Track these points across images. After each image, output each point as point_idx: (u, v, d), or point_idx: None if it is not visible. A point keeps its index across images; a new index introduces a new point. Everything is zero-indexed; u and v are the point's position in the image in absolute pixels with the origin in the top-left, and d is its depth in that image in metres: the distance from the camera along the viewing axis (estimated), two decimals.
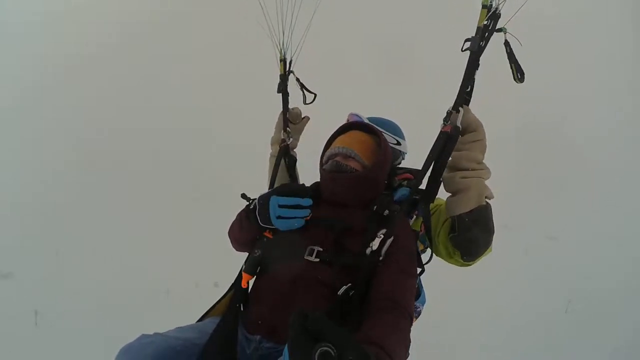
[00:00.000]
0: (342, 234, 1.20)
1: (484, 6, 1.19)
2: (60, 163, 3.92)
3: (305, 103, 1.71)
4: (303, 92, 1.70)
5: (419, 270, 1.28)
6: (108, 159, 4.03)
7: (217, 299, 1.39)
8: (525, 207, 4.03)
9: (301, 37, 1.66)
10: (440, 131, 1.23)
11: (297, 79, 1.70)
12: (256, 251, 1.28)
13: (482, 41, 1.23)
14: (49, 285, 3.22)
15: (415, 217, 1.33)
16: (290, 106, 1.75)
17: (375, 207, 1.22)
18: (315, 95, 1.71)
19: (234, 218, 1.44)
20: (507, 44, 1.25)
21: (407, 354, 1.04)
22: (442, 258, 1.37)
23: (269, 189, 1.59)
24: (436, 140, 1.23)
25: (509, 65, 1.28)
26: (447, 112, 1.24)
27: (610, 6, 4.83)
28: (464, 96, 1.24)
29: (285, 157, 1.67)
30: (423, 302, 1.50)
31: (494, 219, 1.26)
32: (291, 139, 1.70)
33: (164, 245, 3.49)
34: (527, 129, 4.35)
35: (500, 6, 1.21)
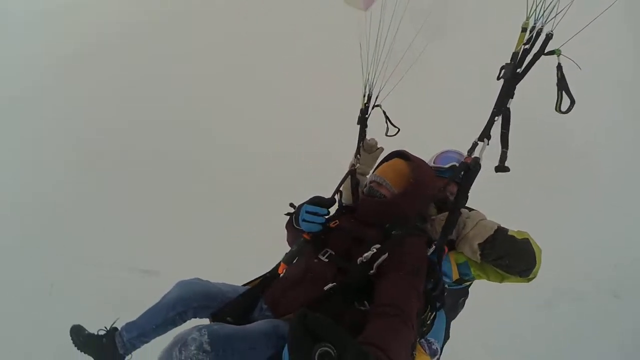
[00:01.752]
0: (353, 244, 1.38)
1: (523, 29, 1.14)
2: (59, 161, 3.92)
3: (386, 135, 1.91)
4: (387, 124, 1.90)
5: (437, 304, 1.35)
6: (108, 158, 4.04)
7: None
8: (524, 207, 4.05)
9: (386, 78, 1.85)
10: (462, 161, 1.33)
11: (384, 112, 1.89)
12: (294, 247, 1.52)
13: (520, 67, 1.20)
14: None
15: (434, 247, 1.40)
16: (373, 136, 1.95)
17: (388, 225, 1.39)
18: (399, 129, 1.90)
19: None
20: (559, 67, 1.16)
21: (409, 356, 1.08)
22: (499, 281, 1.47)
23: (332, 195, 1.80)
24: (457, 169, 1.34)
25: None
26: (473, 143, 1.30)
27: (609, 6, 4.83)
28: (491, 126, 1.26)
29: (351, 178, 1.90)
30: (438, 339, 1.48)
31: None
32: (358, 165, 1.92)
33: (164, 244, 3.49)
34: (524, 130, 4.34)
35: (543, 26, 1.12)
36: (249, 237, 3.57)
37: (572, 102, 1.15)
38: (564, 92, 1.15)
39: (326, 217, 1.47)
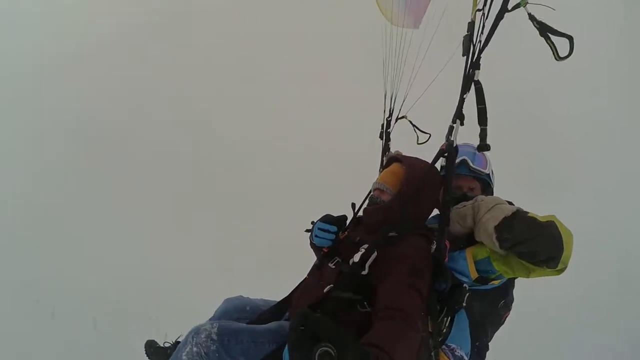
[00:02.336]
0: (355, 249, 1.39)
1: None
2: (59, 159, 3.90)
3: (418, 143, 1.89)
4: (416, 132, 1.89)
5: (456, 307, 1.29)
6: (107, 157, 4.03)
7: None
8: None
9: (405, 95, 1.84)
10: (440, 148, 1.32)
11: (410, 122, 1.89)
12: (317, 260, 1.64)
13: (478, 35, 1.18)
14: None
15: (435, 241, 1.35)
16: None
17: (384, 227, 1.39)
18: (430, 135, 1.86)
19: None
20: (532, 17, 1.08)
21: (412, 356, 1.06)
22: (526, 275, 1.28)
23: (354, 214, 1.83)
24: (436, 156, 1.36)
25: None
26: (449, 127, 1.28)
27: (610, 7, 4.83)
28: (462, 105, 1.24)
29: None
30: (462, 345, 1.39)
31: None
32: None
33: (164, 244, 3.49)
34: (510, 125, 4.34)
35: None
36: (249, 238, 3.57)
37: (569, 38, 1.05)
38: (552, 37, 1.06)
39: (336, 232, 1.58)
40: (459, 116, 1.25)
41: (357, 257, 1.30)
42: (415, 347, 1.08)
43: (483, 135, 1.21)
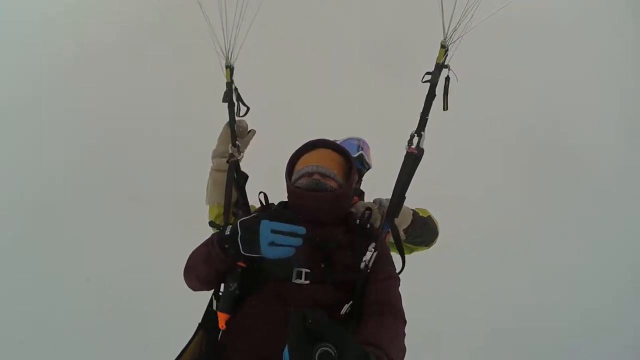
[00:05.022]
0: (329, 251, 1.21)
1: (442, 46, 1.28)
2: (60, 164, 3.91)
3: (238, 115, 1.58)
4: (238, 103, 1.54)
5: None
6: (108, 160, 4.03)
7: (185, 344, 1.24)
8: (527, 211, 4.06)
9: (244, 38, 1.49)
10: (407, 152, 1.31)
11: (235, 89, 1.53)
12: (231, 285, 1.18)
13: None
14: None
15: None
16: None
17: (358, 221, 1.33)
18: (249, 108, 1.58)
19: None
20: (447, 79, 1.32)
21: (403, 355, 1.08)
22: (409, 253, 1.58)
23: (224, 209, 1.46)
24: (404, 161, 1.32)
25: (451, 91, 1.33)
26: (411, 135, 1.32)
27: (610, 8, 4.81)
28: (425, 122, 1.32)
29: (235, 173, 1.51)
30: None
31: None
32: (241, 155, 1.55)
33: (164, 245, 3.49)
34: (526, 135, 4.34)
35: (452, 45, 1.28)
36: None
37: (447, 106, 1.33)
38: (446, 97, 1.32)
39: (304, 236, 1.12)
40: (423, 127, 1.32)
41: (369, 258, 1.18)
42: (403, 343, 1.10)
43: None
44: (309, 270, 1.17)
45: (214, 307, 1.27)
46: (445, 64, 1.27)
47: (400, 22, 4.44)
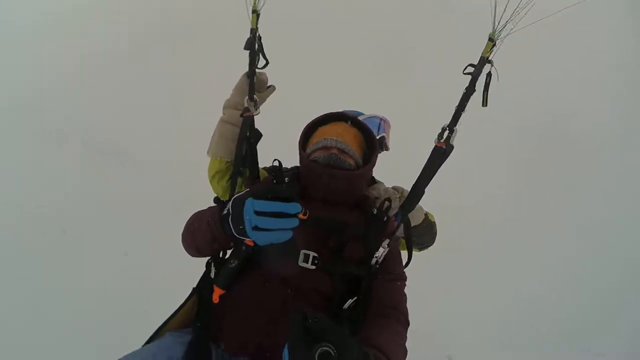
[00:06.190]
0: (343, 239, 1.12)
1: (490, 39, 1.19)
2: (60, 164, 3.91)
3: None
4: (259, 54, 1.41)
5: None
6: (110, 163, 4.03)
7: (175, 309, 1.19)
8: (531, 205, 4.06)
9: None
10: (435, 146, 1.21)
11: (259, 37, 1.39)
12: (232, 261, 1.08)
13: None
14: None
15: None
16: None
17: (374, 210, 1.20)
18: (268, 62, 1.43)
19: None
20: (489, 75, 1.23)
21: (404, 358, 1.06)
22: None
23: (225, 162, 1.35)
24: (431, 155, 1.21)
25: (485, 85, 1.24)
26: (442, 129, 1.22)
27: (611, 7, 4.81)
28: (459, 117, 1.22)
29: (249, 130, 1.38)
30: None
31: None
32: (257, 111, 1.41)
33: (164, 245, 3.48)
34: (529, 130, 4.35)
35: (500, 40, 1.20)
36: None
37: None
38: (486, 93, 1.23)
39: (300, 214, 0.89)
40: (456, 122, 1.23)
41: (381, 255, 1.10)
42: (405, 346, 1.08)
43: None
44: (316, 255, 1.08)
45: (212, 276, 1.17)
46: (490, 59, 1.18)
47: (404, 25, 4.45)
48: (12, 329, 2.94)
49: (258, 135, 1.41)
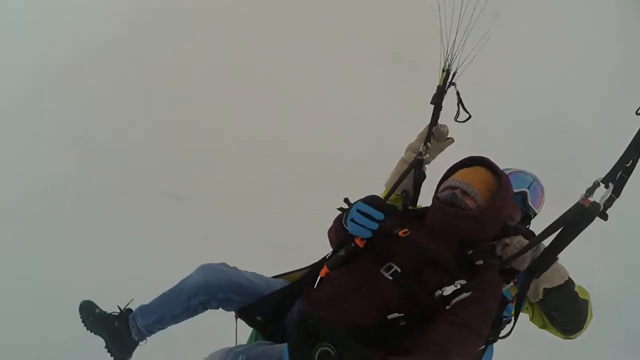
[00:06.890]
0: (425, 264, 1.19)
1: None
2: (60, 162, 3.91)
3: (456, 120, 1.66)
4: (459, 107, 1.63)
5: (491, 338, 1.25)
6: (110, 160, 4.03)
7: (299, 268, 1.50)
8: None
9: (471, 50, 1.52)
10: (578, 202, 1.09)
11: (457, 93, 1.62)
12: (342, 251, 1.33)
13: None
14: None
15: (513, 284, 1.29)
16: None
17: (470, 251, 1.22)
18: (470, 116, 1.64)
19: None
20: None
21: None
22: (539, 325, 1.40)
23: (388, 191, 1.63)
24: (570, 210, 1.11)
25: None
26: (594, 183, 1.08)
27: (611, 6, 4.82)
28: (622, 169, 1.04)
29: (415, 170, 1.62)
30: None
31: None
32: (427, 155, 1.64)
33: (164, 246, 3.49)
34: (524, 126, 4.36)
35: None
36: (250, 238, 3.57)
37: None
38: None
39: (381, 222, 1.22)
40: (612, 180, 1.06)
41: (448, 291, 1.08)
42: None
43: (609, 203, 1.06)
44: (399, 270, 1.19)
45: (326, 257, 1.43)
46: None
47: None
48: (12, 329, 2.93)
49: (422, 176, 1.63)
